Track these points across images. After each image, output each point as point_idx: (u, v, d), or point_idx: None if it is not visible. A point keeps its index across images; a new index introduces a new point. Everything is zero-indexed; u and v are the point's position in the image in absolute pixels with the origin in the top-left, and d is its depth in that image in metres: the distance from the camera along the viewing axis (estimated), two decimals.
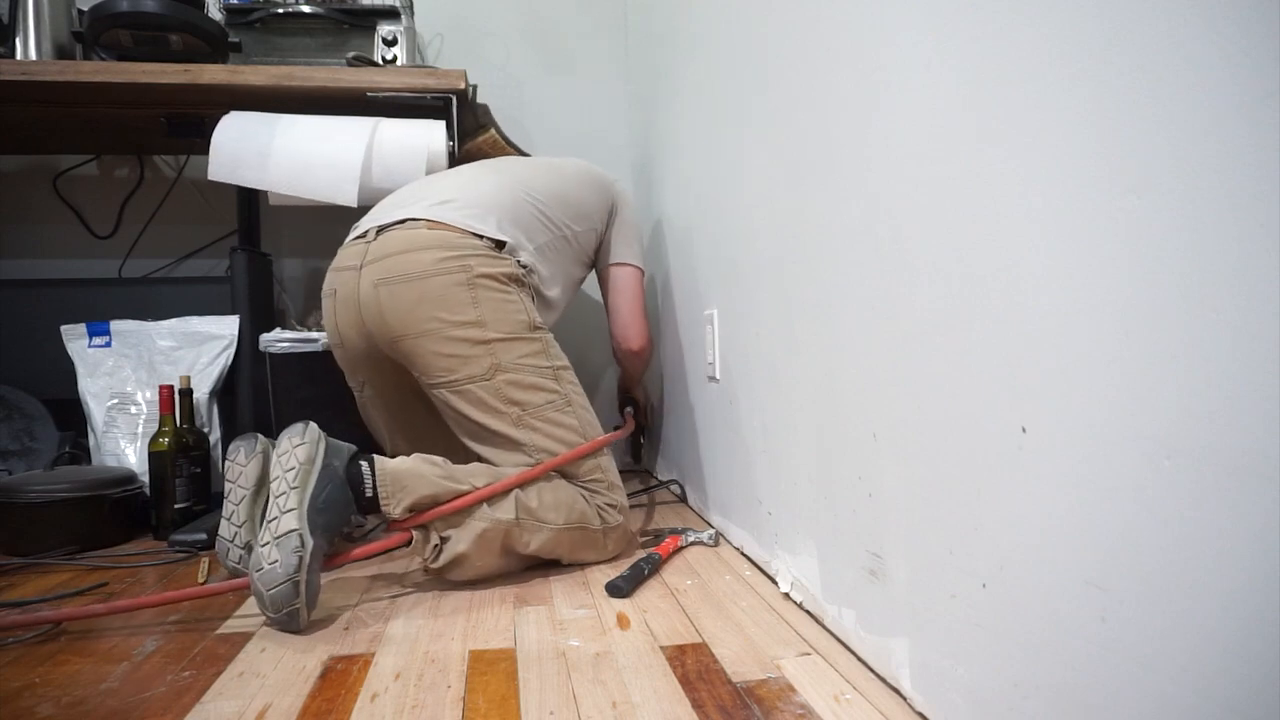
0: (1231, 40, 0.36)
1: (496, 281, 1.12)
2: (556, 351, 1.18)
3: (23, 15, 1.42)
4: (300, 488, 0.92)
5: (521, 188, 1.26)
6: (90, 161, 1.81)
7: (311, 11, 1.51)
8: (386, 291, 1.11)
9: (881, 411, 0.71)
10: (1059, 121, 0.47)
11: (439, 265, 1.10)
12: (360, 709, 0.69)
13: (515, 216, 1.21)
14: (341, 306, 1.17)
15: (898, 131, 0.66)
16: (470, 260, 1.11)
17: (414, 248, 1.11)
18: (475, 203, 1.18)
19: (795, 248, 0.91)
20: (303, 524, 0.90)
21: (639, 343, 1.45)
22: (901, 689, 0.68)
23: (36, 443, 1.59)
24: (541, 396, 1.12)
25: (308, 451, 0.95)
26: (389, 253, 1.12)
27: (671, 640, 0.83)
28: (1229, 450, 0.36)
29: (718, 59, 1.20)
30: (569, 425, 1.13)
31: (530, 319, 1.14)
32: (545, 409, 1.12)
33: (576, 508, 1.09)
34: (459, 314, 1.09)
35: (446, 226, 1.13)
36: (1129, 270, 0.42)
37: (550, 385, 1.14)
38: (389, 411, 1.25)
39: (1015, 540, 0.52)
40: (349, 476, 0.98)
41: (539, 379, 1.12)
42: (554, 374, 1.15)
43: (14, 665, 0.80)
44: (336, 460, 0.98)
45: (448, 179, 1.26)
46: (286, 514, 0.90)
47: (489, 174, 1.28)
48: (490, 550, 1.02)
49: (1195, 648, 0.38)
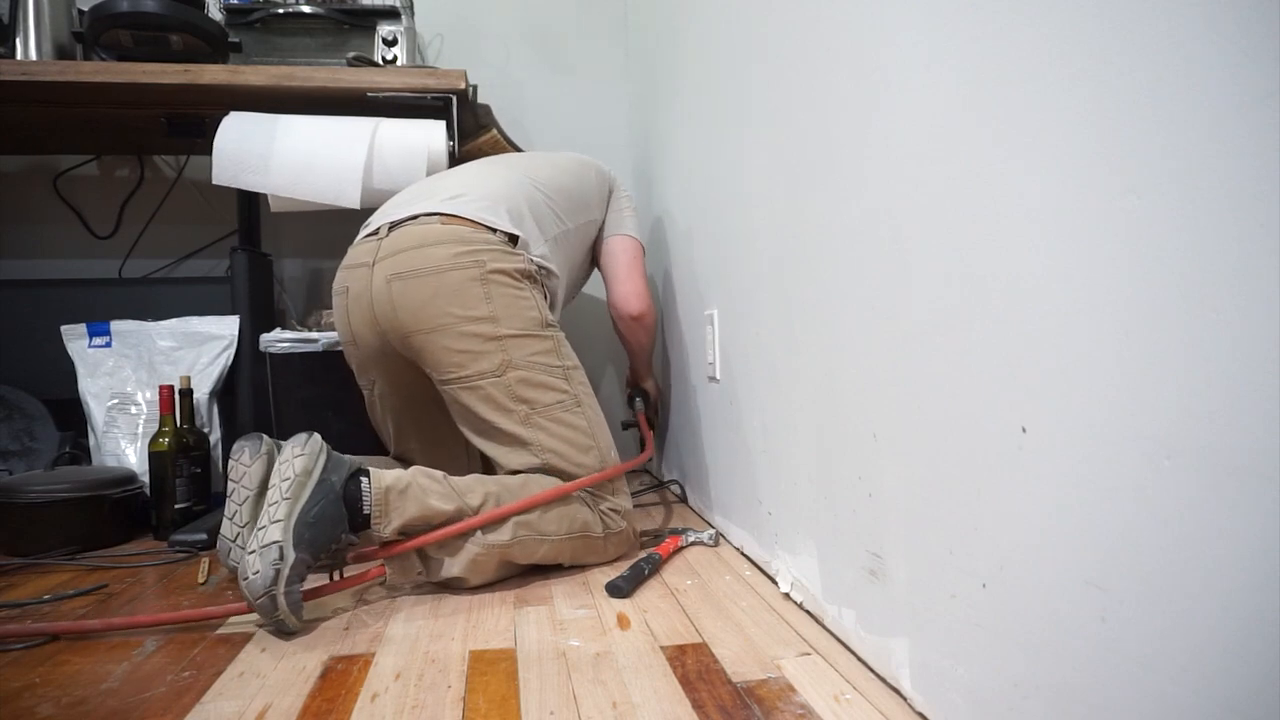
0: (1231, 40, 0.36)
1: (510, 277, 1.12)
2: (567, 351, 1.17)
3: (23, 15, 1.42)
4: (292, 499, 0.91)
5: (529, 180, 1.26)
6: (90, 161, 1.81)
7: (311, 11, 1.51)
8: (400, 286, 1.10)
9: (881, 411, 0.71)
10: (1059, 121, 0.47)
11: (453, 260, 1.10)
12: (360, 709, 0.69)
13: (528, 208, 1.21)
14: (354, 303, 1.17)
15: (898, 131, 0.66)
16: (484, 255, 1.11)
17: (428, 242, 1.11)
18: (487, 195, 1.18)
19: (795, 248, 0.91)
20: (286, 536, 0.89)
21: (639, 305, 1.40)
22: (901, 689, 0.68)
23: (37, 443, 1.59)
24: (551, 396, 1.12)
25: (305, 463, 0.94)
26: (402, 248, 1.12)
27: (672, 640, 0.83)
28: (1229, 450, 0.36)
29: (718, 59, 1.20)
30: (577, 426, 1.13)
31: (542, 316, 1.14)
32: (554, 408, 1.11)
33: (579, 518, 1.08)
34: (472, 309, 1.09)
35: (460, 220, 1.13)
36: (1129, 270, 0.42)
37: (560, 385, 1.13)
38: (398, 411, 1.25)
39: (1015, 540, 0.52)
40: (346, 493, 0.96)
41: (549, 378, 1.12)
42: (564, 373, 1.14)
43: (14, 665, 0.80)
44: (335, 475, 0.96)
45: (457, 175, 1.26)
46: (274, 524, 0.89)
47: (498, 168, 1.28)
48: (485, 571, 1.01)
49: (1195, 648, 0.38)
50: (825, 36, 0.80)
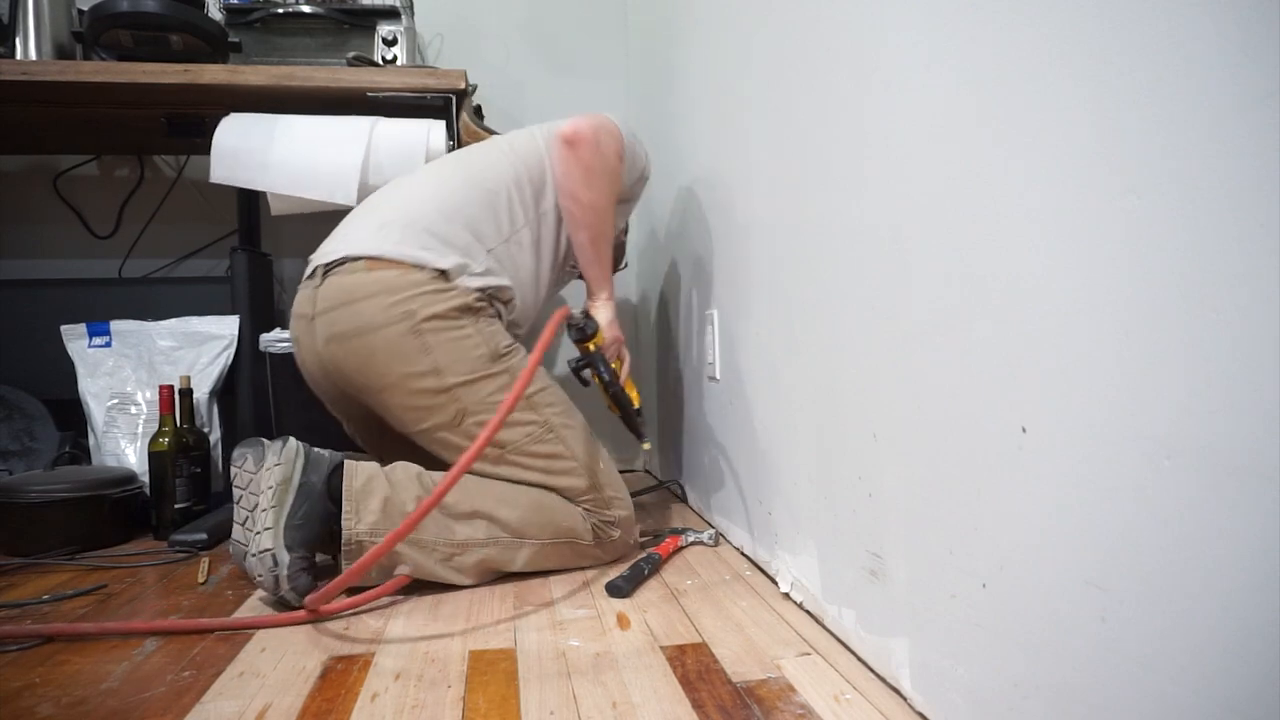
0: (1231, 40, 0.36)
1: (445, 320, 1.03)
2: None
3: (23, 15, 1.42)
4: (277, 506, 0.96)
5: (475, 182, 1.14)
6: (90, 161, 1.81)
7: (311, 11, 1.51)
8: (338, 349, 1.06)
9: (881, 411, 0.71)
10: (1059, 121, 0.47)
11: (384, 315, 1.02)
12: (360, 709, 0.69)
13: (464, 222, 1.10)
14: (306, 356, 1.13)
15: (898, 131, 0.66)
16: (414, 303, 1.02)
17: (356, 298, 1.04)
18: (419, 218, 1.08)
19: (795, 247, 0.91)
20: (277, 542, 0.94)
21: (570, 127, 1.13)
22: (901, 689, 0.68)
23: (36, 443, 1.59)
24: (518, 432, 1.06)
25: (283, 472, 0.97)
26: (333, 304, 1.05)
27: (671, 640, 0.83)
28: (1229, 450, 0.36)
29: (718, 59, 1.20)
30: (553, 454, 1.07)
31: (492, 349, 1.06)
32: (524, 444, 1.06)
33: (563, 523, 1.06)
34: (414, 365, 1.03)
35: (385, 263, 1.04)
36: (1129, 270, 0.42)
37: (525, 418, 1.06)
38: (373, 440, 1.24)
39: (1015, 540, 0.52)
40: (330, 489, 0.99)
41: (512, 414, 1.04)
42: (528, 404, 1.07)
43: (14, 665, 0.80)
44: (315, 476, 0.99)
45: (396, 191, 1.16)
46: (264, 532, 0.94)
47: (445, 171, 1.17)
48: (469, 574, 1.02)
49: (1195, 648, 0.38)
50: (825, 36, 0.80)
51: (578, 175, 1.13)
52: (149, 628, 0.88)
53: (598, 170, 1.13)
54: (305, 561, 0.95)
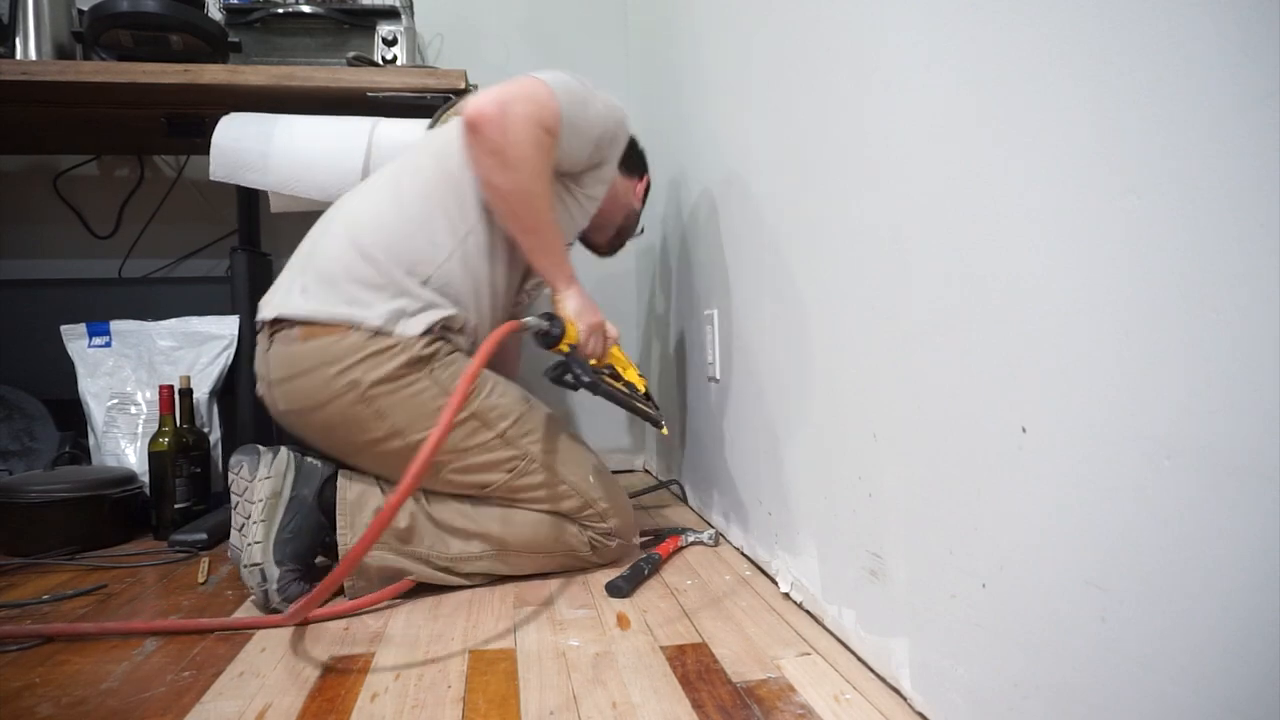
0: (1231, 40, 0.36)
1: (393, 381, 0.97)
2: (498, 406, 1.02)
3: (23, 15, 1.42)
4: (267, 521, 0.96)
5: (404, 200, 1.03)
6: (90, 161, 1.81)
7: (311, 11, 1.51)
8: (299, 421, 1.02)
9: (881, 411, 0.71)
10: (1059, 121, 0.47)
11: (327, 390, 0.97)
12: (360, 709, 0.69)
13: (394, 253, 0.99)
14: (273, 414, 1.07)
15: (898, 131, 0.66)
16: (355, 372, 0.96)
17: (297, 372, 0.98)
18: (340, 270, 0.98)
19: (795, 247, 0.91)
20: (266, 557, 0.94)
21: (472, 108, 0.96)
22: (901, 689, 0.68)
23: (36, 443, 1.59)
24: (497, 474, 1.02)
25: (273, 486, 0.97)
26: (281, 378, 1.00)
27: (671, 640, 0.83)
28: (1229, 450, 0.36)
29: (718, 60, 1.20)
30: (538, 483, 1.04)
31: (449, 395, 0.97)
32: (510, 480, 1.02)
33: (560, 544, 1.06)
34: (373, 432, 0.98)
35: (318, 328, 0.97)
36: (1129, 270, 0.42)
37: (501, 455, 1.02)
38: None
39: (1015, 540, 0.52)
40: (321, 502, 0.99)
41: (486, 456, 1.01)
42: (502, 440, 1.02)
43: (14, 665, 0.80)
44: (306, 489, 0.99)
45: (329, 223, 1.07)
46: (254, 545, 0.95)
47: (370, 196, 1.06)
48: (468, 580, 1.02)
49: (1195, 648, 0.38)
50: (825, 36, 0.80)
51: (487, 162, 0.97)
52: (149, 628, 0.88)
53: (512, 151, 0.96)
54: (296, 573, 0.95)
